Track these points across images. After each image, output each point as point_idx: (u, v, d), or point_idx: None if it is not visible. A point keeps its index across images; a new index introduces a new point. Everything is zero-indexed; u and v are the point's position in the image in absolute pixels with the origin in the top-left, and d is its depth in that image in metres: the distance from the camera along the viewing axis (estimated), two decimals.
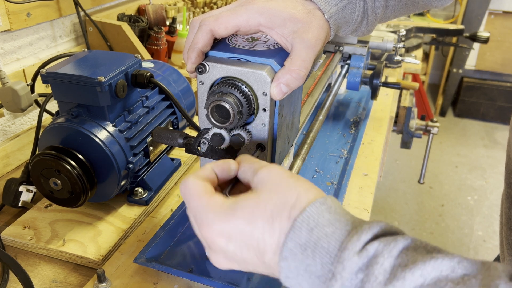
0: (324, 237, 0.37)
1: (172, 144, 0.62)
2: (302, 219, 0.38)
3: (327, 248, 0.37)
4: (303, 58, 0.49)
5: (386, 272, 0.34)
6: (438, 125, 1.54)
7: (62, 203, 0.74)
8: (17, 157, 0.98)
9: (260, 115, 0.55)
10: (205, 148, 0.59)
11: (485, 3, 3.35)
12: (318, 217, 0.38)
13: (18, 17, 0.99)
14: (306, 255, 0.37)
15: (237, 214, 0.40)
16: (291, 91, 0.51)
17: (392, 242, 0.36)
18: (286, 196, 0.40)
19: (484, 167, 3.13)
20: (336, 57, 1.07)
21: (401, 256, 0.35)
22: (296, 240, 0.38)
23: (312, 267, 0.37)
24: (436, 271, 0.33)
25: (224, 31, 0.52)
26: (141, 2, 1.40)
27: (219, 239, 0.40)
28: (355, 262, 0.35)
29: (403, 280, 0.33)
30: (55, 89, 0.74)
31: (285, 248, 0.38)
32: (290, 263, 0.38)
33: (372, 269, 0.34)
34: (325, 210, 0.39)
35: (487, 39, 1.90)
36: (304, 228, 0.38)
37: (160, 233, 0.73)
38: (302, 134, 0.91)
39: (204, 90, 0.55)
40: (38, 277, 0.70)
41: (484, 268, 0.33)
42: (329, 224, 0.38)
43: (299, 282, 0.38)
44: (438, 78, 4.03)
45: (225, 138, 0.56)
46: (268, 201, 0.40)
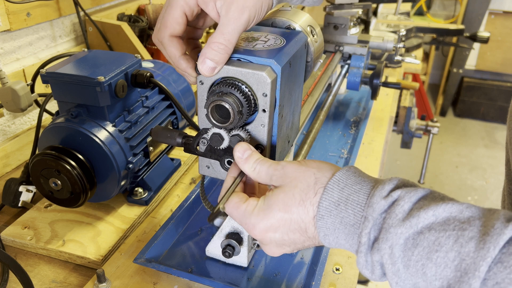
0: (353, 193, 0.45)
1: (171, 143, 0.62)
2: (333, 182, 0.46)
3: (357, 201, 0.44)
4: (222, 31, 0.50)
5: (404, 212, 0.41)
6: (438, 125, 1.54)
7: (62, 203, 0.74)
8: (17, 157, 0.98)
9: (259, 116, 0.54)
10: (204, 147, 0.58)
11: (485, 3, 3.35)
12: (346, 179, 0.46)
13: (18, 17, 0.99)
14: (339, 209, 0.45)
15: (274, 210, 0.47)
16: (220, 65, 0.51)
17: (413, 191, 0.42)
18: (306, 180, 0.47)
19: (484, 167, 3.13)
20: (336, 57, 1.07)
21: (418, 202, 0.41)
22: (330, 199, 0.45)
23: (346, 218, 0.44)
24: (446, 212, 0.39)
25: (177, 26, 0.52)
26: (141, 2, 1.40)
27: (267, 234, 0.48)
28: (382, 204, 0.42)
29: (418, 218, 0.40)
30: (55, 89, 0.74)
31: (320, 208, 0.45)
32: (326, 220, 0.45)
33: (394, 209, 0.41)
34: (352, 174, 0.47)
35: (487, 39, 1.90)
36: (335, 188, 0.45)
37: (160, 233, 0.73)
38: (302, 134, 0.91)
39: (204, 90, 0.55)
40: (38, 277, 0.70)
41: (489, 213, 0.39)
42: (356, 183, 0.46)
43: (336, 236, 0.45)
44: (438, 78, 4.03)
45: (224, 138, 0.55)
46: (294, 189, 0.47)
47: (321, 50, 0.72)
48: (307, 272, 0.68)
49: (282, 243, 0.49)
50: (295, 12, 0.67)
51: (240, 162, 0.52)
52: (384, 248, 0.41)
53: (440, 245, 0.38)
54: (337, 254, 0.72)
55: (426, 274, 0.38)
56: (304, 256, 0.72)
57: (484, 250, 0.36)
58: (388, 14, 2.03)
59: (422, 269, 0.39)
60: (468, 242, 0.37)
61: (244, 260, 0.68)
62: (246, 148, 0.52)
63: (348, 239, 0.45)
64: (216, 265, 0.69)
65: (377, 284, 2.05)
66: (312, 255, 0.72)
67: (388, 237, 0.41)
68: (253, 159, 0.51)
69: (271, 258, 0.71)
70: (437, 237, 0.38)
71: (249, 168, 0.51)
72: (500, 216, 0.38)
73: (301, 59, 0.63)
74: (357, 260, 0.44)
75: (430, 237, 0.39)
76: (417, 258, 0.39)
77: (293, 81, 0.60)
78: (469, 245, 0.37)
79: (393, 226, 0.40)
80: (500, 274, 0.35)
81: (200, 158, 0.61)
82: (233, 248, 0.65)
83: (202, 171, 0.62)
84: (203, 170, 0.62)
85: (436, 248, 0.38)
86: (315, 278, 0.65)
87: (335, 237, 0.45)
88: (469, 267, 0.36)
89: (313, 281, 0.65)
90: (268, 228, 0.48)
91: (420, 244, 0.39)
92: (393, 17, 1.98)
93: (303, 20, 0.67)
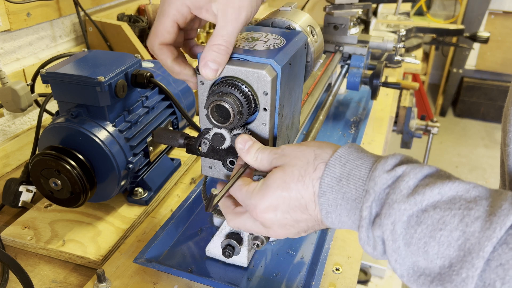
0: (355, 168, 0.44)
1: (172, 144, 0.62)
2: (335, 158, 0.45)
3: (359, 175, 0.44)
4: (221, 34, 0.50)
5: (409, 188, 0.40)
6: (438, 125, 1.54)
7: (62, 203, 0.74)
8: (17, 157, 0.98)
9: (261, 115, 0.54)
10: (206, 148, 0.59)
11: (485, 3, 3.35)
12: (348, 155, 0.46)
13: (18, 17, 0.99)
14: (341, 185, 0.44)
15: (272, 188, 0.47)
16: (222, 67, 0.52)
17: (419, 167, 0.41)
18: (305, 157, 0.47)
19: (484, 167, 3.13)
20: (336, 57, 1.07)
21: (424, 179, 0.41)
22: (331, 175, 0.45)
23: (348, 193, 0.44)
24: (452, 191, 0.39)
25: (168, 35, 0.53)
26: (141, 2, 1.40)
27: (267, 214, 0.48)
28: (384, 178, 0.41)
29: (423, 195, 0.39)
30: (55, 89, 0.74)
31: (322, 184, 0.45)
32: (328, 196, 0.44)
33: (398, 184, 0.41)
34: (354, 150, 0.46)
35: (487, 39, 1.90)
36: (337, 164, 0.45)
37: (160, 233, 0.73)
38: (302, 134, 0.91)
39: (204, 90, 0.55)
40: (38, 277, 0.70)
41: (496, 193, 0.38)
42: (358, 158, 0.45)
43: (338, 213, 0.45)
44: (438, 78, 4.03)
45: (226, 138, 0.56)
46: (293, 167, 0.47)
47: (321, 50, 0.72)
48: (307, 272, 0.68)
49: (285, 223, 0.48)
50: (295, 12, 0.67)
51: (242, 153, 0.52)
52: (386, 224, 0.40)
53: (444, 223, 0.37)
54: (337, 254, 0.72)
55: (428, 253, 0.38)
56: (304, 256, 0.72)
57: (490, 230, 0.35)
58: (388, 14, 2.03)
59: (424, 247, 0.38)
60: (474, 222, 0.36)
61: (244, 260, 0.68)
62: (247, 139, 0.52)
63: (351, 215, 0.44)
64: (216, 265, 0.69)
65: (378, 284, 2.05)
66: (312, 255, 0.72)
67: (391, 213, 0.40)
68: (255, 148, 0.52)
69: (271, 258, 0.71)
70: (442, 216, 0.38)
71: (251, 158, 0.51)
72: (508, 197, 0.37)
73: (301, 59, 0.63)
74: (359, 236, 0.43)
75: (435, 215, 0.38)
76: (420, 236, 0.38)
77: (293, 81, 0.60)
78: (475, 224, 0.36)
79: (396, 202, 0.40)
80: (504, 256, 0.34)
81: (202, 159, 0.61)
82: (233, 248, 0.65)
83: (204, 171, 0.62)
84: (206, 171, 0.62)
85: (440, 226, 0.37)
86: (315, 278, 0.65)
87: (338, 214, 0.45)
88: (474, 247, 0.36)
89: (313, 281, 0.65)
90: (267, 208, 0.47)
91: (424, 222, 0.38)
92: (393, 17, 1.98)
93: (303, 20, 0.67)
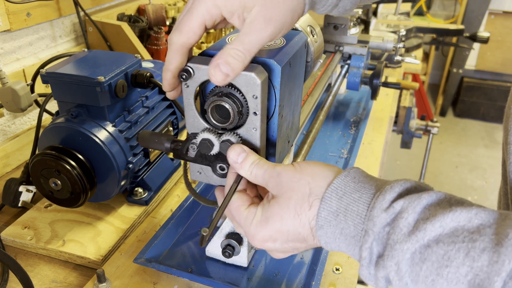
0: (352, 202, 0.43)
1: (159, 148, 0.59)
2: (331, 190, 0.44)
3: (357, 211, 0.42)
4: (243, 40, 0.46)
5: (409, 225, 0.39)
6: (438, 125, 1.54)
7: (62, 203, 0.74)
8: (17, 157, 0.98)
9: (251, 119, 0.52)
10: (194, 153, 0.56)
11: (485, 3, 3.35)
12: (345, 187, 0.44)
13: (18, 17, 0.99)
14: (339, 220, 0.43)
15: (270, 222, 0.47)
16: (233, 74, 0.46)
17: (416, 200, 0.40)
18: (301, 191, 0.46)
19: (484, 167, 3.13)
20: (336, 57, 1.07)
21: (424, 211, 0.39)
22: (328, 208, 0.43)
23: (346, 229, 0.43)
24: (454, 222, 0.37)
25: (193, 36, 0.49)
26: (141, 2, 1.40)
27: (266, 243, 0.48)
28: (383, 218, 0.40)
29: (424, 231, 0.38)
30: (55, 89, 0.74)
31: (319, 218, 0.44)
32: (326, 230, 0.44)
33: (397, 223, 0.39)
34: (350, 181, 0.44)
35: (487, 39, 1.90)
36: (333, 197, 0.44)
37: (160, 233, 0.73)
38: (302, 134, 0.91)
39: (189, 93, 0.53)
40: (38, 277, 0.70)
41: (500, 218, 0.36)
42: (355, 191, 0.43)
43: (337, 244, 0.44)
44: (438, 78, 4.03)
45: (214, 144, 0.53)
46: (288, 201, 0.46)
47: (321, 50, 0.72)
48: (307, 272, 0.68)
49: (284, 250, 0.49)
50: None
51: (236, 167, 0.50)
52: (390, 266, 0.39)
53: (450, 259, 0.36)
54: (337, 254, 0.72)
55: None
56: (304, 256, 0.72)
57: (498, 264, 0.34)
58: (388, 14, 2.03)
59: (432, 285, 0.37)
60: (480, 255, 0.35)
61: (244, 260, 0.68)
62: (239, 152, 0.50)
63: (350, 249, 0.44)
64: (216, 265, 0.69)
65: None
66: (312, 255, 0.72)
67: (393, 254, 0.39)
68: (249, 162, 0.50)
69: (271, 258, 0.71)
70: (446, 251, 0.36)
71: (246, 172, 0.50)
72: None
73: (301, 59, 0.63)
74: (359, 270, 0.43)
75: (439, 251, 0.37)
76: (426, 274, 0.37)
77: (293, 81, 0.60)
78: (482, 258, 0.35)
79: (398, 242, 0.38)
80: None
81: (191, 164, 0.58)
82: (233, 248, 0.65)
83: (193, 176, 0.60)
84: (195, 176, 0.59)
85: (446, 263, 0.36)
86: (315, 278, 0.65)
87: (337, 245, 0.45)
88: (483, 282, 0.34)
89: (313, 281, 0.65)
90: (267, 239, 0.48)
91: (428, 259, 0.37)
92: (393, 17, 1.98)
93: (303, 20, 0.67)
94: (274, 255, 0.51)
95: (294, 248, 0.49)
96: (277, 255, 0.51)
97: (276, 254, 0.51)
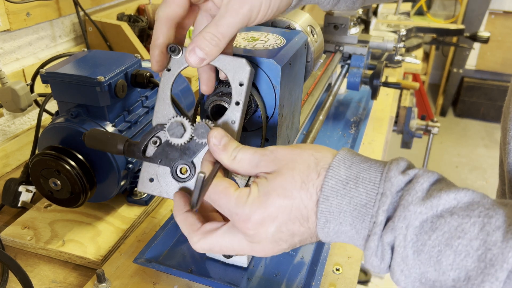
0: (363, 171, 0.40)
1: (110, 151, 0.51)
2: (338, 159, 0.41)
3: (369, 178, 0.40)
4: (217, 23, 0.45)
5: (424, 190, 0.38)
6: (438, 125, 1.54)
7: (61, 203, 0.74)
8: (17, 157, 0.98)
9: (231, 110, 0.48)
10: (153, 150, 0.49)
11: (485, 3, 3.35)
12: (352, 157, 0.42)
13: (17, 17, 0.99)
14: (348, 188, 0.40)
15: (272, 196, 0.41)
16: (209, 58, 0.46)
17: (430, 172, 0.39)
18: (304, 160, 0.42)
19: (484, 167, 3.13)
20: (336, 57, 1.07)
21: (436, 184, 0.39)
22: (336, 177, 0.40)
23: (357, 197, 0.39)
24: (468, 198, 0.37)
25: (177, 8, 0.48)
26: (140, 2, 1.40)
27: (262, 227, 0.41)
28: (400, 180, 0.39)
29: (438, 198, 0.37)
30: (54, 89, 0.74)
31: (325, 188, 0.40)
32: (331, 202, 0.40)
33: (413, 185, 0.38)
34: (354, 153, 0.43)
35: (487, 39, 1.90)
36: (342, 166, 0.41)
37: (160, 233, 0.73)
38: (302, 134, 0.90)
39: (169, 77, 0.49)
40: (37, 277, 0.70)
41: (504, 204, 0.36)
42: (363, 161, 0.41)
43: (340, 221, 0.40)
44: (439, 78, 4.02)
45: (186, 129, 0.47)
46: (292, 171, 0.41)
47: (321, 50, 0.72)
48: (307, 272, 0.68)
49: (279, 238, 0.42)
50: (295, 12, 0.67)
51: (216, 150, 0.44)
52: (400, 228, 0.37)
53: (463, 231, 0.35)
54: (337, 254, 0.72)
55: (441, 263, 0.35)
56: (304, 256, 0.72)
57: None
58: (388, 14, 2.03)
59: (438, 256, 0.35)
60: (495, 231, 0.34)
61: (244, 260, 0.67)
62: (223, 135, 0.45)
63: (356, 222, 0.39)
64: (216, 265, 0.69)
65: (378, 284, 2.05)
66: (312, 255, 0.72)
67: (406, 215, 0.37)
68: (232, 146, 0.45)
69: (271, 258, 0.71)
70: (460, 223, 0.35)
71: (227, 157, 0.44)
72: None
73: (301, 59, 0.62)
74: (366, 246, 0.39)
75: (452, 222, 0.35)
76: (434, 243, 0.36)
77: (293, 81, 0.60)
78: (496, 234, 0.34)
79: (412, 204, 0.37)
80: None
81: (142, 170, 0.50)
82: None
83: (142, 186, 0.50)
84: (144, 185, 0.50)
85: (459, 234, 0.35)
86: (315, 278, 0.65)
87: (338, 223, 0.40)
88: (496, 258, 0.33)
89: (313, 281, 0.65)
90: (264, 219, 0.41)
91: (439, 228, 0.36)
92: (393, 17, 1.98)
93: (303, 20, 0.67)
94: (262, 249, 0.43)
95: (291, 235, 0.42)
96: (266, 249, 0.43)
97: (265, 248, 0.43)
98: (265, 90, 0.55)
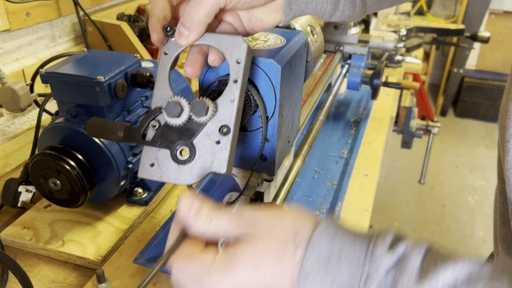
0: (346, 246, 0.36)
1: (111, 138, 0.50)
2: (320, 231, 0.37)
3: (353, 256, 0.36)
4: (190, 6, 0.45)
5: (418, 268, 0.34)
6: (438, 125, 1.53)
7: (61, 203, 0.74)
8: (17, 157, 0.98)
9: (229, 88, 0.46)
10: (152, 134, 0.48)
11: (485, 3, 3.35)
12: (335, 228, 0.38)
13: (17, 16, 0.99)
14: (331, 265, 0.36)
15: (240, 265, 0.37)
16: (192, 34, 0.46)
17: (418, 244, 0.36)
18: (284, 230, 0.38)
19: (484, 167, 3.13)
20: (336, 57, 1.07)
21: (427, 255, 0.35)
22: (317, 252, 0.36)
23: (340, 276, 0.36)
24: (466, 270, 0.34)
25: None
26: (140, 2, 1.40)
27: None
28: (388, 259, 0.35)
29: (436, 277, 0.34)
30: (54, 89, 0.74)
31: (305, 265, 0.36)
32: (312, 280, 0.36)
33: (404, 266, 0.35)
34: (337, 224, 0.39)
35: (487, 39, 1.89)
36: (323, 240, 0.37)
37: (160, 234, 0.73)
38: (302, 134, 0.90)
39: (167, 61, 0.49)
40: (37, 277, 0.70)
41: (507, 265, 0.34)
42: (346, 234, 0.37)
43: None
44: (439, 78, 4.02)
45: (184, 108, 0.46)
46: (268, 242, 0.38)
47: (321, 50, 0.72)
48: None
49: None
50: None
51: (188, 221, 0.40)
52: None
53: None
54: None
55: None
56: None
57: None
58: (389, 14, 2.03)
59: None
60: None
61: None
62: (191, 200, 0.40)
63: None
64: None
65: None
66: None
67: None
68: (205, 212, 0.40)
69: None
70: None
71: (203, 225, 0.40)
72: None
73: (301, 59, 0.62)
74: None
75: None
76: None
77: (293, 81, 0.60)
78: None
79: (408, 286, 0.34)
80: None
81: (143, 156, 0.49)
82: None
83: (143, 172, 0.48)
84: (145, 171, 0.48)
85: None
86: None
87: None
88: None
89: None
90: None
91: None
92: (393, 17, 1.98)
93: (303, 19, 0.67)
94: None
95: None
96: None
97: None
98: (265, 90, 0.55)
